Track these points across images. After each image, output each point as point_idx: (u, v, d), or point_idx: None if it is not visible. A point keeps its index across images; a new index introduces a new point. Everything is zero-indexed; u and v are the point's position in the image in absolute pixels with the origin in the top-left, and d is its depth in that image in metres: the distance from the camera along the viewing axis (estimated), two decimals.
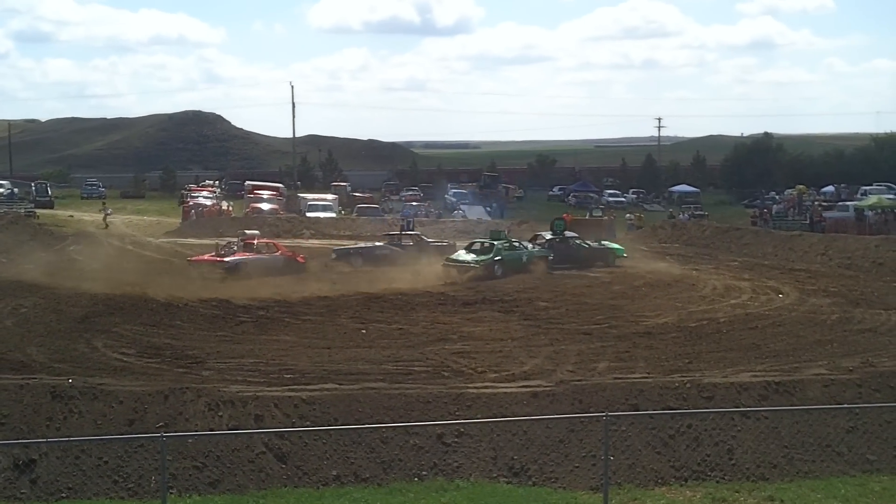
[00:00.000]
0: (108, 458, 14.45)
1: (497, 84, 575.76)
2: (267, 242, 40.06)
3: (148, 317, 26.92)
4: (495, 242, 38.85)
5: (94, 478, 14.28)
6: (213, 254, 37.76)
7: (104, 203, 70.97)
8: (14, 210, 66.19)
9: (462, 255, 38.74)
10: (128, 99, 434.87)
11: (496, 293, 32.49)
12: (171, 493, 13.48)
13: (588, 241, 42.53)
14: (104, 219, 63.05)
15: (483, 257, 37.72)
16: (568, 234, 42.71)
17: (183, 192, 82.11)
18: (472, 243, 40.32)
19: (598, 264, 40.96)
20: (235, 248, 38.33)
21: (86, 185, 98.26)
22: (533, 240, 42.66)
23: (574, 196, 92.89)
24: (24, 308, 27.38)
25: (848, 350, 22.63)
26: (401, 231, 45.76)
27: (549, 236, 42.75)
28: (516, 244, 39.82)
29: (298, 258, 39.11)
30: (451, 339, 24.50)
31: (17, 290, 30.60)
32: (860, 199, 65.71)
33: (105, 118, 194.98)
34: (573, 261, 40.68)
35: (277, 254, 38.70)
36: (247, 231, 42.37)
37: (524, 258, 38.93)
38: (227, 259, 36.95)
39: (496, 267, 37.45)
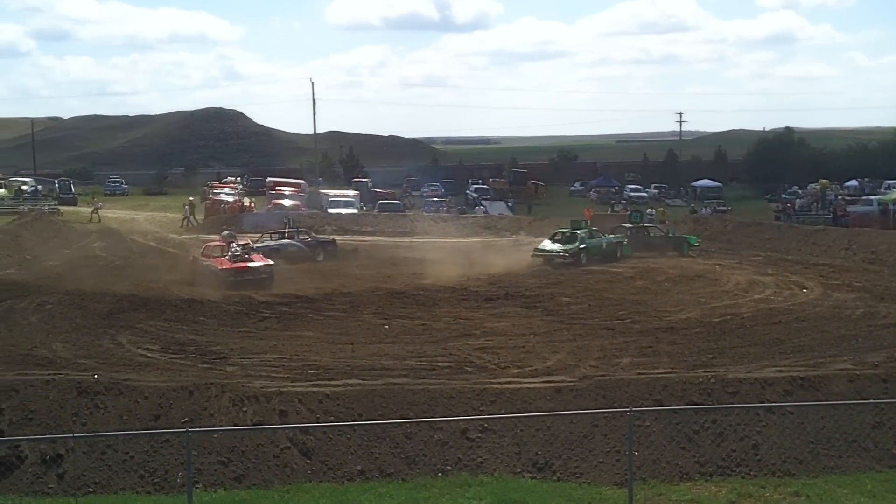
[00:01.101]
0: (134, 453, 14.52)
1: (516, 80, 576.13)
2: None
3: (172, 313, 27.05)
4: (578, 232, 41.36)
5: (120, 472, 14.34)
6: (225, 258, 34.78)
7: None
8: (38, 207, 66.56)
9: (548, 245, 41.09)
10: (149, 96, 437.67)
11: (518, 289, 32.50)
12: (197, 487, 13.52)
13: (663, 230, 45.99)
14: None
15: (569, 246, 40.29)
16: (646, 224, 46.39)
17: (205, 188, 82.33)
18: (555, 234, 42.52)
19: (669, 253, 43.14)
20: (238, 250, 35.42)
21: (108, 181, 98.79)
22: (613, 230, 45.45)
23: (595, 191, 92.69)
24: (49, 304, 27.53)
25: (873, 345, 22.51)
26: (286, 228, 44.15)
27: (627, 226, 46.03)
28: (596, 234, 42.55)
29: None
30: (474, 334, 24.52)
31: (41, 286, 30.78)
32: (884, 193, 65.29)
33: (127, 115, 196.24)
34: (648, 248, 43.56)
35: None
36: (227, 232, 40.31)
37: (604, 245, 41.72)
38: (255, 265, 34.38)
39: (582, 255, 40.05)
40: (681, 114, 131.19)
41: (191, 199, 64.94)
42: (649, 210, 63.62)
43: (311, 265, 39.65)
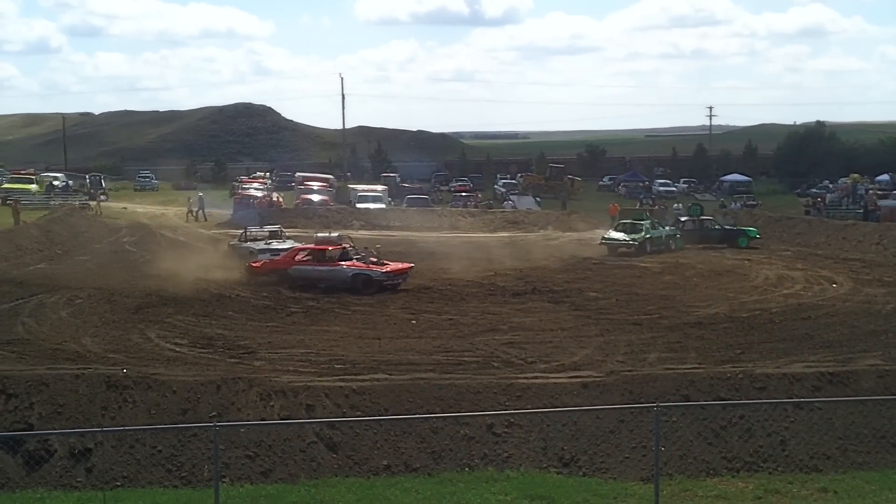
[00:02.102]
0: (162, 447, 14.61)
1: (545, 74, 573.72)
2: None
3: (200, 307, 27.20)
4: (643, 223, 43.93)
5: (148, 466, 14.44)
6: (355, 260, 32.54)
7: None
8: (69, 202, 67.05)
9: (614, 234, 43.88)
10: (179, 92, 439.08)
11: (546, 283, 32.45)
12: (224, 481, 13.58)
13: (721, 224, 47.39)
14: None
15: (635, 235, 42.71)
16: (704, 217, 47.78)
17: (234, 183, 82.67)
18: (618, 224, 45.77)
19: (723, 247, 44.43)
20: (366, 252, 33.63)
21: (139, 177, 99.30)
22: (675, 223, 47.86)
23: (624, 186, 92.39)
24: (79, 299, 27.73)
25: None
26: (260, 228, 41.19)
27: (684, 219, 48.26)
28: (658, 224, 45.22)
29: None
30: (501, 329, 24.51)
31: (72, 281, 31.00)
32: None
33: (157, 111, 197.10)
34: (707, 240, 45.20)
35: None
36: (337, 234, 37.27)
37: (664, 236, 44.07)
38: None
39: (646, 244, 42.47)
40: (710, 108, 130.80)
41: (200, 194, 65.28)
42: (676, 205, 63.38)
43: None
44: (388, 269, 32.01)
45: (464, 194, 76.36)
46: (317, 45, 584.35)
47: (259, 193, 68.85)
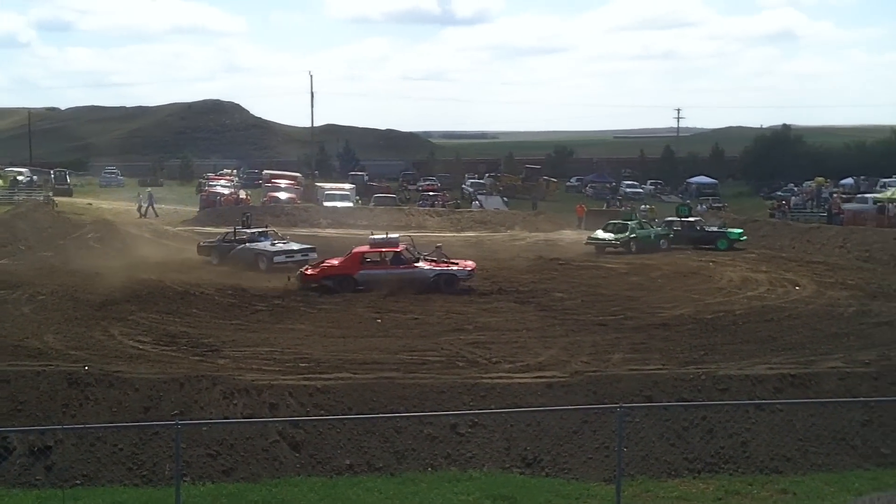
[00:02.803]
0: (123, 446, 14.52)
1: (516, 74, 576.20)
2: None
3: (164, 305, 27.03)
4: (629, 223, 44.83)
5: (108, 465, 14.35)
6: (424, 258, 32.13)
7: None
8: (33, 197, 66.49)
9: (601, 234, 44.66)
10: (147, 87, 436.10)
11: (512, 283, 32.49)
12: (185, 480, 13.52)
13: (706, 226, 47.85)
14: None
15: (621, 235, 43.69)
16: (692, 218, 48.34)
17: (201, 180, 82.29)
18: (608, 224, 46.06)
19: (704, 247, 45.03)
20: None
21: (104, 173, 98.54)
22: (663, 223, 48.20)
23: (591, 187, 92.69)
24: (42, 295, 27.48)
25: (865, 343, 22.52)
26: (244, 227, 39.62)
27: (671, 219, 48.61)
28: (646, 225, 46.12)
29: None
30: (466, 329, 24.51)
31: (35, 277, 30.74)
32: (880, 191, 65.30)
33: (124, 107, 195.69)
34: (693, 241, 45.65)
35: None
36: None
37: (652, 236, 44.95)
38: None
39: (631, 244, 43.31)
40: (679, 110, 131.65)
41: (148, 190, 65.13)
42: (643, 206, 63.71)
43: None
44: (466, 267, 32.11)
45: (431, 194, 76.44)
46: (288, 42, 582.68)
47: (226, 191, 68.62)
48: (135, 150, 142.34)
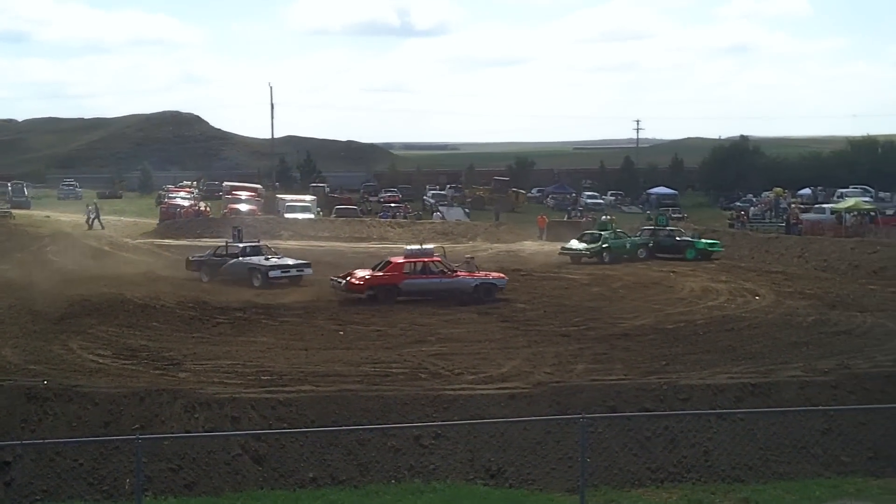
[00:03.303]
0: (84, 461, 14.38)
1: (477, 85, 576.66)
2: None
3: (124, 318, 26.78)
4: (603, 233, 45.01)
5: (69, 480, 14.20)
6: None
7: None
8: None
9: (575, 244, 44.96)
10: (106, 99, 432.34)
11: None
12: (147, 495, 13.41)
13: (683, 236, 47.51)
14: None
15: (592, 245, 44.02)
16: (669, 228, 48.17)
17: (160, 192, 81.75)
18: (583, 234, 46.61)
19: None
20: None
21: (62, 185, 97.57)
22: (640, 233, 48.51)
23: (552, 198, 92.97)
24: (0, 309, 27.17)
25: (824, 352, 22.74)
26: (237, 237, 38.45)
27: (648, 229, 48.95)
28: (622, 235, 46.03)
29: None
30: (428, 340, 24.50)
31: None
32: (837, 202, 66.02)
33: (83, 118, 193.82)
34: (669, 251, 45.67)
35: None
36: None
37: (628, 245, 45.08)
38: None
39: (604, 254, 43.61)
40: (638, 121, 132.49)
41: (95, 201, 64.76)
42: (604, 217, 63.99)
43: None
44: (502, 277, 33.24)
45: (393, 205, 76.38)
46: (248, 53, 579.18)
47: (186, 203, 68.21)
48: (93, 162, 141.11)
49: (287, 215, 62.44)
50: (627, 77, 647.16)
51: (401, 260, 32.53)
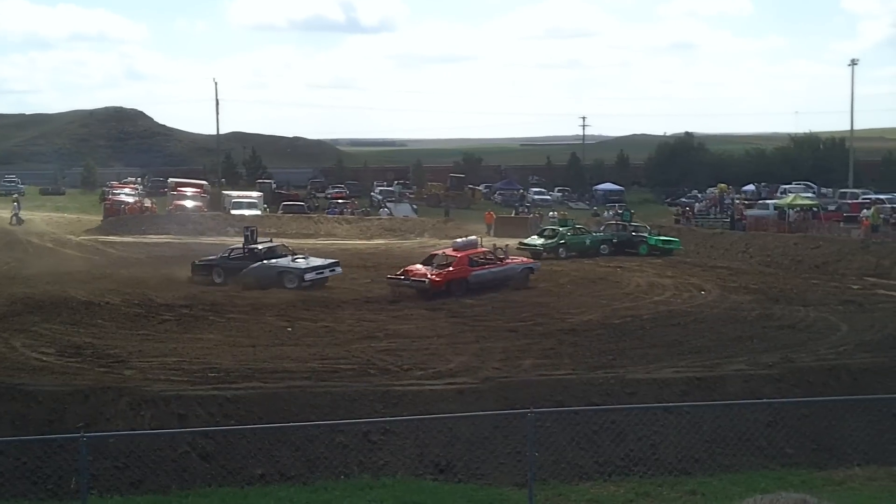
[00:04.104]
0: (27, 460, 14.15)
1: (423, 82, 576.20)
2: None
3: (68, 315, 26.48)
4: (560, 229, 45.72)
5: (11, 479, 13.98)
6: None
7: None
8: None
9: (534, 240, 45.28)
10: (47, 95, 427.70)
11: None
12: (92, 493, 13.23)
13: (642, 232, 47.63)
14: None
15: (549, 241, 44.34)
16: (632, 224, 48.53)
17: (104, 189, 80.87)
18: (543, 230, 47.48)
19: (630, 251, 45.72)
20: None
21: (3, 181, 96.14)
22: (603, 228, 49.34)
23: (500, 194, 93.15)
24: None
25: (768, 346, 23.03)
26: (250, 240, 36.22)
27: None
28: (581, 231, 46.75)
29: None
30: (377, 336, 24.46)
31: None
32: (780, 198, 66.84)
33: (23, 114, 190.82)
34: (630, 246, 45.86)
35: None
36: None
37: (587, 242, 45.50)
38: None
39: (560, 250, 43.95)
40: (584, 118, 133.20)
41: (14, 196, 64.14)
42: (552, 213, 64.24)
43: None
44: (534, 261, 37.42)
45: (340, 201, 76.10)
46: (192, 49, 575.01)
47: (130, 199, 67.51)
48: (35, 159, 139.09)
49: (233, 211, 62.02)
50: (573, 74, 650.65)
51: (461, 253, 33.60)
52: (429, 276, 31.93)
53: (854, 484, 14.38)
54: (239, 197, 67.36)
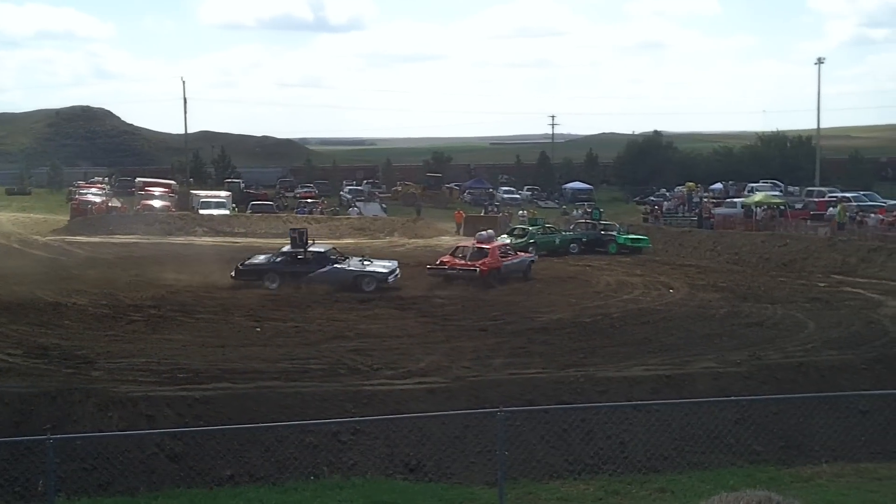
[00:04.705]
0: None
1: (392, 81, 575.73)
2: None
3: (35, 316, 26.24)
4: (530, 228, 46.15)
5: None
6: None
7: None
8: None
9: (503, 239, 43.52)
10: (13, 94, 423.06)
11: (392, 290, 32.47)
12: (60, 495, 13.13)
13: (612, 231, 48.05)
14: None
15: (519, 241, 43.64)
16: (603, 222, 49.16)
17: (71, 188, 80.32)
18: (514, 229, 47.86)
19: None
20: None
21: None
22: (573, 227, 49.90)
23: (469, 193, 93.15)
24: None
25: (736, 343, 23.15)
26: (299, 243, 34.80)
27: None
28: (551, 230, 47.33)
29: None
30: (347, 336, 24.40)
31: None
32: (747, 196, 67.22)
33: None
34: (600, 245, 46.35)
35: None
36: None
37: (557, 241, 45.74)
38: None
39: (530, 249, 42.90)
40: (553, 117, 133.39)
41: None
42: (521, 212, 64.36)
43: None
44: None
45: (309, 201, 75.87)
46: (159, 48, 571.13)
47: (97, 199, 67.06)
48: (1, 158, 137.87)
49: (202, 211, 61.73)
50: (542, 73, 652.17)
51: (492, 245, 36.51)
52: (477, 265, 34.42)
53: (822, 480, 14.49)
54: (207, 196, 67.02)
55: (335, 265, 33.53)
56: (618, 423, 16.05)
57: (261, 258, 35.00)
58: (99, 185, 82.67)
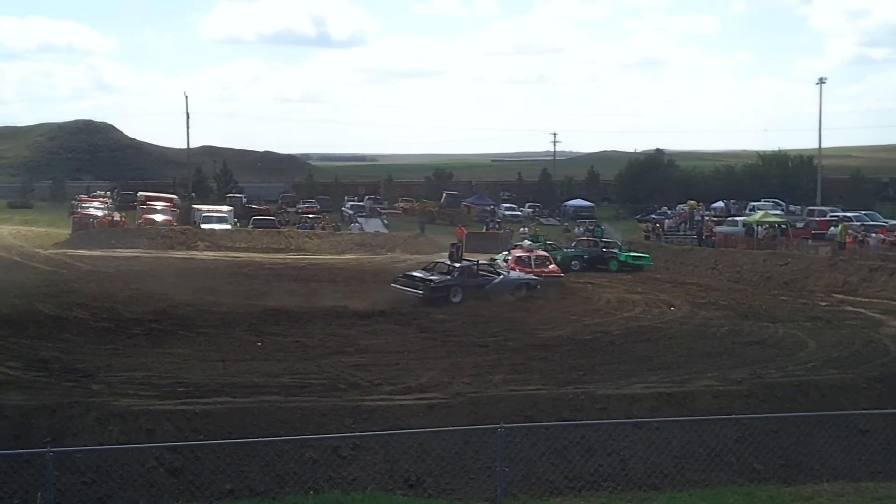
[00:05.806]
0: None
1: (393, 97, 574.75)
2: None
3: (35, 330, 26.23)
4: (534, 244, 46.95)
5: None
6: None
7: None
8: None
9: (505, 256, 44.05)
10: (15, 107, 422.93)
11: (393, 305, 32.47)
12: None
13: (613, 248, 48.25)
14: None
15: None
16: (604, 239, 50.11)
17: (73, 202, 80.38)
18: (515, 247, 47.43)
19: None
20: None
21: None
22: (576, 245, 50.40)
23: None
24: None
25: (737, 362, 23.14)
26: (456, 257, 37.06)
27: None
28: (552, 246, 48.16)
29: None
30: (347, 351, 24.39)
31: None
32: (748, 215, 67.27)
33: None
34: (601, 262, 46.85)
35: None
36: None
37: (558, 258, 44.92)
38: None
39: None
40: (555, 134, 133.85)
41: None
42: (522, 229, 64.40)
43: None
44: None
45: (311, 216, 75.90)
46: (161, 62, 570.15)
47: (99, 213, 67.12)
48: (3, 171, 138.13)
49: (203, 226, 61.80)
50: (543, 90, 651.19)
51: (542, 253, 41.58)
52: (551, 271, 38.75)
53: (822, 499, 14.44)
54: (209, 211, 67.08)
55: (504, 276, 36.44)
56: (618, 440, 16.03)
57: (431, 275, 35.34)
58: (101, 199, 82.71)
